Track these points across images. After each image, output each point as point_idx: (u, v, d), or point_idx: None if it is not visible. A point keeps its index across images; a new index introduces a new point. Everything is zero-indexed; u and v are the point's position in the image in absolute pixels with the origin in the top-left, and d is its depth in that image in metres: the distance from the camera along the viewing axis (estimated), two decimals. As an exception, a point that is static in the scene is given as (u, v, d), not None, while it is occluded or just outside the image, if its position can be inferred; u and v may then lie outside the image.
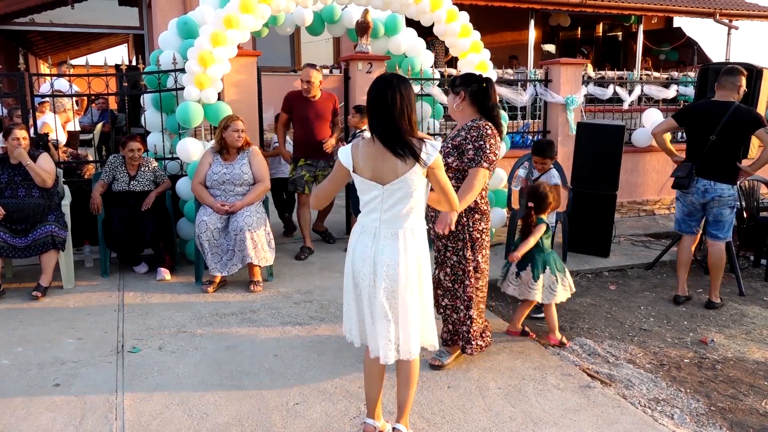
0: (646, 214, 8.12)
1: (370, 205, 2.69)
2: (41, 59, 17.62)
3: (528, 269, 4.00)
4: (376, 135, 2.62)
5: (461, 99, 3.45)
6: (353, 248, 2.72)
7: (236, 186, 4.91)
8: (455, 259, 3.53)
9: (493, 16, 12.64)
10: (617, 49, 16.69)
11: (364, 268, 2.66)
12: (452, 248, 3.52)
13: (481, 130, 3.37)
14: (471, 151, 3.35)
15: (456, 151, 3.41)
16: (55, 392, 3.27)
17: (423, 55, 6.84)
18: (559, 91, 7.20)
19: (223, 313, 4.40)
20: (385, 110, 2.58)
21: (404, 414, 2.83)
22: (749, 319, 4.64)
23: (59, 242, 4.71)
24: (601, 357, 3.91)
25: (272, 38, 7.42)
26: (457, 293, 3.56)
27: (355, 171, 2.66)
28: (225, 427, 2.96)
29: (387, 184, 2.62)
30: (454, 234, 3.47)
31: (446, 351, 3.66)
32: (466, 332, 3.58)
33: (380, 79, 2.66)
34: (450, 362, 3.64)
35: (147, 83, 5.85)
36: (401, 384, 2.80)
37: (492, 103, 3.44)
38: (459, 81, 3.50)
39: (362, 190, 2.70)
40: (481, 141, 3.34)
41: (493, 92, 3.45)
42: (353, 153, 2.66)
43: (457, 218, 3.42)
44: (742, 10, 14.06)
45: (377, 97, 2.60)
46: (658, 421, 3.11)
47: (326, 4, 6.36)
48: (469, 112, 3.46)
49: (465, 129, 3.44)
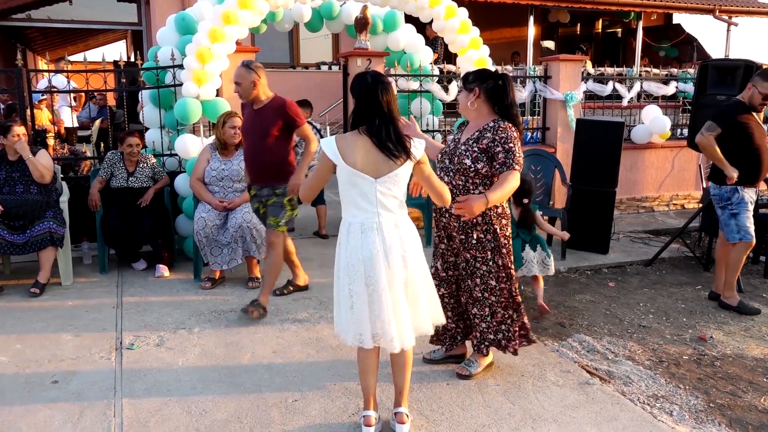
0: (645, 211, 8.12)
1: (363, 201, 2.67)
2: (39, 55, 17.55)
3: (539, 249, 4.52)
4: (371, 134, 2.63)
5: (476, 96, 3.25)
6: (359, 249, 2.66)
7: (234, 182, 4.90)
8: (485, 268, 3.33)
9: (492, 13, 12.61)
10: (616, 45, 16.67)
11: (378, 266, 2.65)
12: (482, 258, 3.32)
13: (508, 131, 3.18)
14: (501, 154, 3.16)
15: (485, 155, 3.19)
16: (54, 389, 3.27)
17: (422, 51, 6.83)
18: (559, 87, 7.20)
19: (221, 310, 4.39)
20: (377, 107, 2.63)
21: (404, 397, 2.88)
22: (748, 316, 4.63)
23: (57, 239, 4.70)
24: (600, 354, 3.91)
25: (271, 34, 7.42)
26: (488, 301, 3.37)
27: (346, 162, 2.63)
28: (223, 424, 2.95)
29: (380, 176, 2.63)
30: (483, 244, 3.29)
31: (475, 360, 3.48)
32: (507, 331, 3.42)
33: (363, 76, 2.70)
34: (479, 372, 3.45)
35: (145, 79, 5.84)
36: (398, 370, 2.85)
37: (511, 101, 3.26)
38: (472, 77, 3.30)
39: (352, 183, 2.66)
40: (510, 143, 3.16)
41: (511, 89, 3.27)
42: (340, 146, 2.64)
43: (489, 227, 3.28)
44: (741, 6, 14.04)
45: (367, 93, 2.64)
46: (657, 417, 3.11)
47: (325, 1, 6.34)
48: (485, 111, 3.28)
49: (490, 131, 3.21)
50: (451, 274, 3.46)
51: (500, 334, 3.42)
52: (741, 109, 4.54)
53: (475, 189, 3.23)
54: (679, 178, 8.23)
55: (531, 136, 7.66)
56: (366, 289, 2.67)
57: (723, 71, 5.64)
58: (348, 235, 2.71)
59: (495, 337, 3.43)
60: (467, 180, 3.24)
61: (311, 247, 6.02)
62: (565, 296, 5.00)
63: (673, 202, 8.29)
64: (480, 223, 3.27)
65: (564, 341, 4.07)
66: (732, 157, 4.51)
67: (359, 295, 2.68)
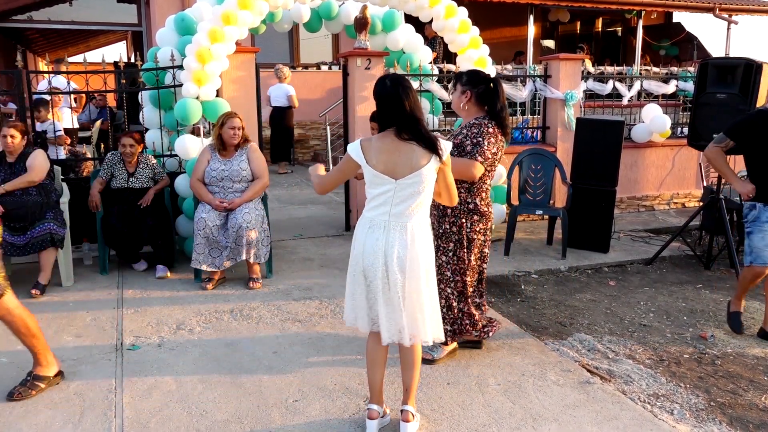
0: (646, 210, 8.11)
1: (379, 199, 2.72)
2: (39, 57, 17.57)
3: None
4: (401, 131, 2.66)
5: (467, 99, 3.39)
6: (363, 242, 2.75)
7: (235, 183, 4.90)
8: (444, 259, 3.49)
9: (492, 12, 12.60)
10: (617, 44, 16.67)
11: (376, 262, 2.70)
12: (443, 248, 3.48)
13: (482, 127, 3.35)
14: (469, 147, 3.34)
15: (456, 150, 3.37)
16: (54, 390, 3.27)
17: (421, 51, 6.83)
18: (559, 86, 7.19)
19: (222, 310, 4.39)
20: (402, 107, 2.66)
21: (411, 395, 2.90)
22: (749, 315, 4.63)
23: (58, 240, 4.70)
24: (600, 353, 3.91)
25: (271, 35, 7.40)
26: (443, 293, 3.50)
27: (368, 164, 2.70)
28: (224, 424, 2.96)
29: (400, 178, 2.67)
30: (447, 234, 3.46)
31: (438, 346, 3.61)
32: (468, 324, 3.59)
33: (384, 80, 2.75)
34: (443, 357, 3.61)
35: (145, 80, 5.83)
36: (406, 367, 2.88)
37: (501, 105, 3.39)
38: (466, 79, 3.42)
39: (373, 184, 2.74)
40: (479, 137, 3.32)
41: (501, 93, 3.39)
42: (364, 147, 2.71)
43: (456, 219, 3.44)
44: (741, 4, 14.03)
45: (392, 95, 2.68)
46: (657, 416, 3.11)
47: (324, 1, 6.34)
48: (474, 112, 3.43)
49: (467, 127, 3.42)
50: None
51: (456, 325, 3.59)
52: (761, 119, 4.10)
53: None
54: (680, 176, 8.22)
55: (531, 136, 7.66)
56: (364, 280, 2.76)
57: (723, 70, 5.63)
58: (359, 227, 2.81)
59: (451, 327, 3.58)
60: None
61: (312, 247, 6.02)
62: (566, 295, 5.00)
63: (674, 201, 8.29)
64: (449, 215, 3.45)
65: (564, 340, 4.07)
66: (751, 170, 4.19)
67: (357, 285, 2.79)
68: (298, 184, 9.59)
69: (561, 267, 5.62)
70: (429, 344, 2.92)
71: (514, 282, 5.24)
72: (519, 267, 5.58)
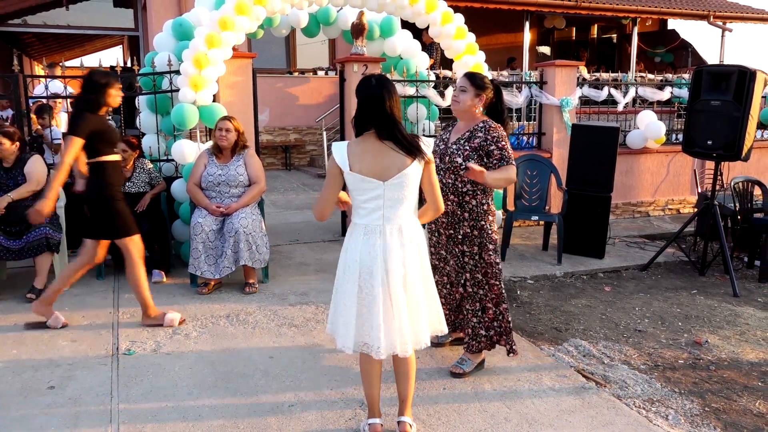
0: (641, 216, 8.15)
1: (370, 205, 2.68)
2: (36, 61, 17.56)
3: None
4: (380, 135, 2.63)
5: (481, 101, 3.43)
6: (359, 250, 2.68)
7: (231, 187, 4.90)
8: (472, 263, 3.47)
9: (489, 18, 12.67)
10: (612, 51, 16.76)
11: (376, 268, 2.65)
12: (469, 253, 3.46)
13: (499, 131, 3.39)
14: (497, 151, 3.34)
15: (476, 153, 3.36)
16: (50, 395, 3.26)
17: (418, 56, 6.85)
18: (554, 92, 7.23)
19: (218, 315, 4.39)
20: (384, 109, 2.63)
21: (407, 406, 2.89)
22: (743, 320, 4.65)
23: (54, 244, 4.69)
24: (596, 358, 3.92)
25: (268, 40, 7.43)
26: (477, 296, 3.50)
27: (351, 170, 2.64)
28: (220, 429, 2.95)
29: (388, 179, 2.64)
30: (470, 238, 3.44)
31: (468, 358, 3.57)
32: (498, 327, 3.53)
33: (369, 80, 2.71)
34: (472, 370, 3.53)
35: (142, 85, 5.84)
36: (401, 378, 2.86)
37: (503, 108, 3.53)
38: (480, 82, 3.43)
39: (360, 189, 2.67)
40: (503, 142, 3.37)
41: (503, 97, 3.56)
42: (349, 152, 2.65)
43: (476, 223, 3.42)
44: (735, 12, 14.13)
45: (375, 95, 2.64)
46: (652, 421, 3.12)
47: (321, 6, 6.36)
48: (481, 115, 3.48)
49: (481, 130, 3.39)
50: (443, 266, 3.61)
51: (492, 330, 3.54)
52: None
53: (463, 187, 3.40)
54: (675, 183, 8.27)
55: (527, 142, 7.69)
56: (358, 291, 2.68)
57: (717, 77, 5.67)
58: (351, 236, 2.75)
59: (486, 333, 3.54)
60: (456, 178, 3.41)
61: (308, 252, 6.03)
62: (561, 301, 5.01)
63: (669, 207, 8.33)
64: (467, 219, 3.43)
65: (560, 346, 4.08)
66: None
67: (349, 297, 2.70)
68: (294, 189, 9.59)
69: (556, 272, 5.64)
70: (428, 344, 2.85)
71: (510, 287, 5.25)
72: (515, 272, 5.59)
